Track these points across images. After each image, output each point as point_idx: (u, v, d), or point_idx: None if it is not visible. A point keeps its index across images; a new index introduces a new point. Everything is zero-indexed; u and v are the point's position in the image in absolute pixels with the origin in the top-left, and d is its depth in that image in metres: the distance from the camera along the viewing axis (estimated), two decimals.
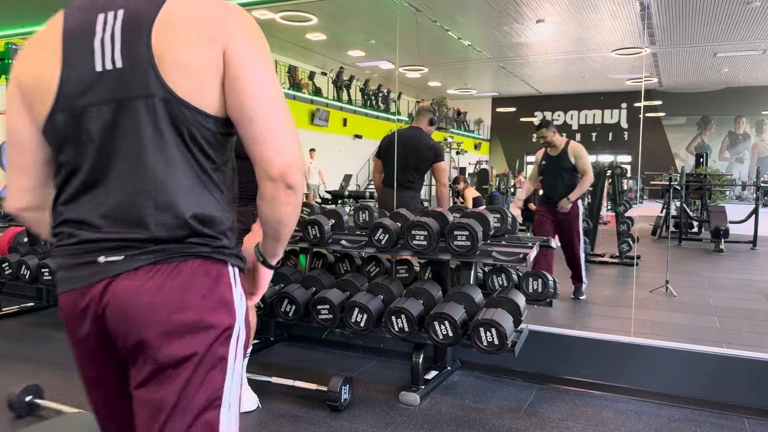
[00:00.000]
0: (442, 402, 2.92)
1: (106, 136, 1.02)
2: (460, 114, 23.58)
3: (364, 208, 3.43)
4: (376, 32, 13.99)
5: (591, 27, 13.29)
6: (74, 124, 1.03)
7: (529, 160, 24.72)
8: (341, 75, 17.61)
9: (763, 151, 22.48)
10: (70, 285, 1.06)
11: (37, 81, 1.04)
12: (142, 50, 0.99)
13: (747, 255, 8.29)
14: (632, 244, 6.96)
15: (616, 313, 4.87)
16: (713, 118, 22.83)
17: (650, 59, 16.69)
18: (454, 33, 13.98)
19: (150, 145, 1.00)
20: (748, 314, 4.86)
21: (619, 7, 11.72)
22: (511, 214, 3.26)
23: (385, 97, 20.13)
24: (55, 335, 4.00)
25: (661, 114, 22.57)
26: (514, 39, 14.39)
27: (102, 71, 1.01)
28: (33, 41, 1.09)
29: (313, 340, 3.77)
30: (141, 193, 1.01)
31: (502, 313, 2.72)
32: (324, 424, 2.65)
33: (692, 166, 14.50)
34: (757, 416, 2.76)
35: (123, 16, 1.01)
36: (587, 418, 2.75)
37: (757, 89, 21.38)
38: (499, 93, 24.64)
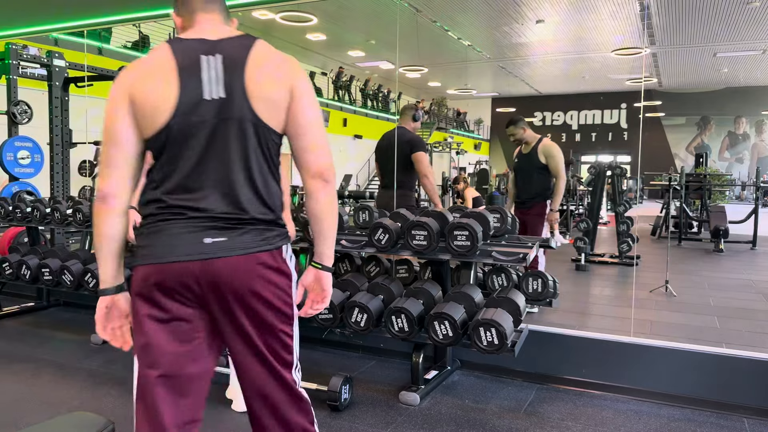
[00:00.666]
0: (442, 402, 2.92)
1: (207, 145, 1.38)
2: (460, 114, 23.60)
3: (364, 208, 3.43)
4: (376, 32, 14.00)
5: (591, 27, 13.30)
6: (184, 134, 1.38)
7: None
8: (341, 75, 17.63)
9: (762, 151, 22.49)
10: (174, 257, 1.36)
11: (156, 100, 1.37)
12: (237, 87, 1.39)
13: (747, 255, 8.29)
14: (632, 244, 6.96)
15: (615, 313, 4.87)
16: (713, 118, 22.85)
17: (650, 59, 16.71)
18: (454, 33, 13.99)
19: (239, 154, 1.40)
20: (748, 314, 4.87)
21: (619, 8, 11.73)
22: (510, 214, 3.27)
23: (385, 98, 20.14)
24: (56, 335, 4.00)
25: (660, 114, 22.59)
26: (514, 39, 14.40)
27: (209, 99, 1.38)
28: (145, 67, 1.41)
29: (313, 340, 3.77)
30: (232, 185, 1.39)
31: (502, 313, 2.72)
32: (324, 423, 2.66)
33: (692, 166, 14.51)
34: (757, 416, 2.76)
35: (222, 60, 1.40)
36: (587, 418, 2.75)
37: (757, 89, 21.39)
38: (499, 93, 24.66)
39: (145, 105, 1.37)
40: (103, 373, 3.26)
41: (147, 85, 1.38)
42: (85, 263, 3.94)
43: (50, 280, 4.01)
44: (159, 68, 1.39)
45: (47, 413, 2.70)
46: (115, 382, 3.12)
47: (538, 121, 25.72)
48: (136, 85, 1.38)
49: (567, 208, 10.73)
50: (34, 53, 6.80)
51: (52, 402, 2.86)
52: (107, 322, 1.47)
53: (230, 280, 1.36)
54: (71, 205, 4.21)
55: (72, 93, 6.11)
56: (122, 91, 1.38)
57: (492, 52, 16.21)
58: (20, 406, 2.80)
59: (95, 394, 2.96)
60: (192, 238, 1.36)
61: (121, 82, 1.40)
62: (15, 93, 5.92)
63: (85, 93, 6.11)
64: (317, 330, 3.29)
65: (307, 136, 1.46)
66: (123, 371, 3.26)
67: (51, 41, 8.64)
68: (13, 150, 5.94)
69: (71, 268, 3.90)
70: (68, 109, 6.01)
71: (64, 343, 3.84)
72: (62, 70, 5.93)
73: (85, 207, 4.09)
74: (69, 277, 3.91)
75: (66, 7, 4.67)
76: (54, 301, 4.77)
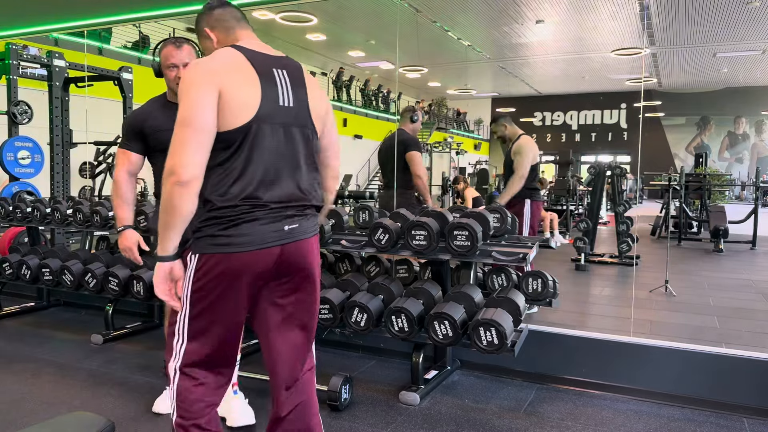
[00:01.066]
0: (442, 402, 2.92)
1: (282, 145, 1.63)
2: (459, 114, 23.60)
3: (364, 208, 3.44)
4: (376, 33, 14.00)
5: (591, 27, 13.30)
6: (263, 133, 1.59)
7: None
8: (341, 75, 17.63)
9: (762, 151, 22.50)
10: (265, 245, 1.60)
11: (244, 98, 1.56)
12: (302, 99, 1.69)
13: (746, 255, 8.30)
14: (632, 244, 6.96)
15: (615, 313, 4.88)
16: (713, 118, 22.85)
17: (650, 59, 16.71)
18: (454, 33, 13.99)
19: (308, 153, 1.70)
20: (748, 314, 4.87)
21: (619, 8, 11.73)
22: (510, 214, 3.27)
23: (385, 98, 20.14)
24: (56, 335, 4.00)
25: (660, 114, 22.59)
26: (513, 39, 14.40)
27: (282, 106, 1.63)
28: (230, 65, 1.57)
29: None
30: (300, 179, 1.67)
31: (502, 312, 2.72)
32: (324, 423, 2.64)
33: (692, 166, 14.51)
34: (757, 416, 2.76)
35: (288, 74, 1.67)
36: (587, 418, 2.75)
37: (757, 89, 21.39)
38: (499, 93, 24.65)
39: (234, 101, 1.54)
40: (103, 373, 3.26)
41: (236, 83, 1.55)
42: (85, 263, 3.95)
43: (50, 280, 4.01)
44: (243, 70, 1.58)
45: (47, 413, 2.70)
46: (115, 382, 3.12)
47: (538, 121, 25.73)
48: (226, 80, 1.53)
49: (567, 208, 10.73)
50: (34, 53, 6.81)
51: (52, 402, 2.86)
52: (165, 284, 1.62)
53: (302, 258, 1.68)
54: (71, 205, 4.21)
55: (72, 93, 6.11)
56: (211, 82, 1.52)
57: (492, 53, 16.22)
58: (20, 406, 2.80)
59: (95, 394, 2.96)
60: (275, 226, 1.61)
61: (208, 74, 1.53)
62: (15, 93, 5.92)
63: (86, 93, 6.11)
64: (317, 330, 3.29)
65: (333, 144, 1.86)
66: (123, 371, 3.26)
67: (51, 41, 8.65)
68: (13, 150, 5.94)
69: (71, 268, 3.91)
70: (68, 109, 6.01)
71: (64, 343, 3.84)
72: (62, 70, 5.93)
73: (85, 207, 4.09)
74: (69, 277, 3.91)
75: (66, 7, 4.68)
76: (54, 301, 4.77)
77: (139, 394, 2.93)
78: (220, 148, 1.55)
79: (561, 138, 24.99)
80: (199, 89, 1.52)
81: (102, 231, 4.38)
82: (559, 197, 11.33)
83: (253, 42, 1.69)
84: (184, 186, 1.49)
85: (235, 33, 1.71)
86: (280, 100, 1.62)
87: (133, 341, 3.85)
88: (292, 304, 1.71)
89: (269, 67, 1.63)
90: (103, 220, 3.96)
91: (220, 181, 1.57)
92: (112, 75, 6.39)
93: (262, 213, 1.59)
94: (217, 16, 1.72)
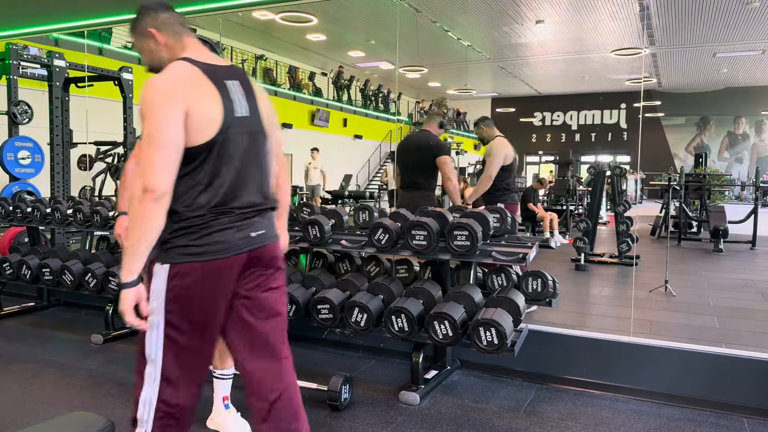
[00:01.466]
0: (442, 401, 2.93)
1: (245, 153, 1.71)
2: (459, 114, 23.59)
3: (364, 208, 3.44)
4: (376, 33, 14.00)
5: (590, 28, 13.31)
6: (227, 145, 1.66)
7: (528, 160, 24.77)
8: (341, 75, 17.62)
9: (762, 151, 22.49)
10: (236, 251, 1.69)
11: (210, 114, 1.63)
12: (254, 107, 1.77)
13: (746, 255, 8.30)
14: (631, 244, 6.96)
15: (615, 313, 4.88)
16: (712, 118, 22.85)
17: (649, 60, 16.71)
18: (454, 33, 13.99)
19: (264, 158, 1.80)
20: (748, 314, 4.87)
21: (619, 8, 11.73)
22: (510, 214, 3.27)
23: (385, 98, 20.14)
24: (56, 335, 4.00)
25: (660, 114, 22.58)
26: (513, 40, 14.41)
27: (239, 116, 1.70)
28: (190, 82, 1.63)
29: (313, 340, 3.78)
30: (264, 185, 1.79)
31: (502, 312, 2.72)
32: (324, 423, 2.66)
33: (691, 166, 14.51)
34: (757, 416, 2.76)
35: (240, 84, 1.74)
36: (587, 418, 2.76)
37: (756, 89, 21.39)
38: (499, 93, 24.65)
39: (200, 118, 1.61)
40: (103, 373, 3.26)
41: (199, 100, 1.62)
42: (86, 263, 3.95)
43: (51, 280, 4.01)
44: (202, 85, 1.65)
45: (47, 413, 2.70)
46: (115, 382, 3.12)
47: (538, 122, 25.73)
48: (190, 98, 1.60)
49: (567, 208, 10.74)
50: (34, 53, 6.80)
51: (52, 402, 2.87)
52: (133, 310, 1.61)
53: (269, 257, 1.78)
54: (71, 205, 4.21)
55: (72, 93, 6.11)
56: (177, 101, 1.58)
57: (492, 53, 16.22)
58: (20, 406, 2.81)
59: (95, 394, 2.96)
60: (243, 233, 1.70)
61: (173, 92, 1.59)
62: (15, 93, 5.93)
63: (86, 93, 6.12)
64: (317, 330, 3.30)
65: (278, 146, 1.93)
66: (123, 371, 3.26)
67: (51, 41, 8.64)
68: (13, 150, 5.94)
69: (71, 268, 3.91)
70: (69, 109, 6.01)
71: (64, 343, 3.84)
72: (63, 71, 5.94)
73: (86, 207, 4.09)
74: (69, 277, 3.91)
75: (66, 8, 4.68)
76: (54, 301, 4.77)
77: None
78: (183, 162, 1.61)
79: (561, 138, 24.98)
80: (166, 108, 1.57)
81: (102, 231, 4.39)
82: (559, 197, 11.33)
83: (201, 53, 1.73)
84: (158, 201, 1.55)
85: (183, 40, 1.75)
86: (237, 111, 1.69)
87: (133, 341, 3.84)
88: (265, 295, 1.79)
89: (223, 79, 1.70)
90: (103, 220, 3.96)
91: (186, 192, 1.63)
92: (113, 75, 6.39)
93: (230, 220, 1.67)
94: (164, 20, 1.74)
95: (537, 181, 9.83)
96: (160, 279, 1.63)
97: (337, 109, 17.28)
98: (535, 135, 25.59)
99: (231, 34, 13.55)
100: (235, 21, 12.43)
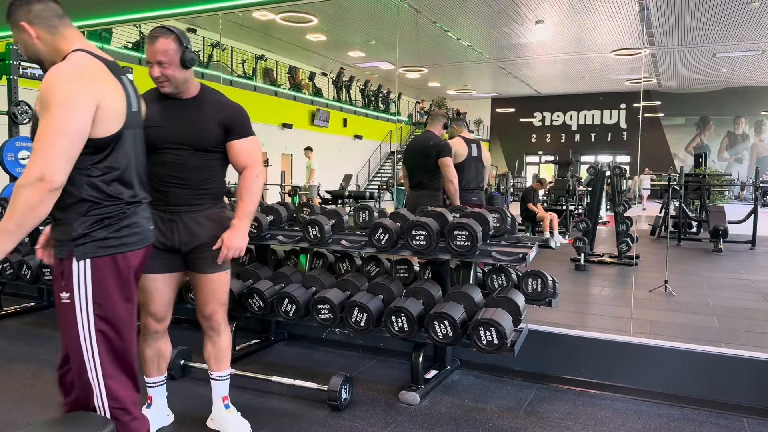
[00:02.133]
0: (442, 401, 2.93)
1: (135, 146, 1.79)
2: (459, 114, 23.58)
3: (364, 208, 3.44)
4: (376, 33, 14.00)
5: (590, 28, 13.30)
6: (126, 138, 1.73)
7: (528, 160, 24.77)
8: (341, 75, 17.62)
9: (761, 151, 22.49)
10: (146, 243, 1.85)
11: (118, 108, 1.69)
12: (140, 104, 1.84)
13: (746, 255, 8.30)
14: (631, 244, 6.97)
15: (615, 313, 4.88)
16: (712, 118, 22.85)
17: (649, 60, 16.71)
18: (454, 34, 13.99)
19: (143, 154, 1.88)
20: (747, 314, 4.87)
21: (619, 8, 11.73)
22: (510, 214, 3.27)
23: (385, 98, 20.13)
24: (56, 335, 3.99)
25: (660, 114, 22.58)
26: (513, 40, 14.41)
27: (133, 111, 1.78)
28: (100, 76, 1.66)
29: (314, 340, 3.78)
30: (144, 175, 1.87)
31: (502, 312, 2.73)
32: (324, 423, 2.66)
33: (691, 167, 14.51)
34: (757, 416, 2.76)
35: (129, 82, 1.79)
36: (587, 418, 2.76)
37: (756, 89, 21.39)
38: (499, 93, 24.66)
39: (112, 111, 1.66)
40: None
41: (108, 92, 1.66)
42: None
43: (51, 280, 4.01)
44: (108, 78, 1.68)
45: (47, 413, 2.70)
46: None
47: (538, 122, 25.72)
48: (101, 91, 1.63)
49: (566, 208, 10.74)
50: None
51: (52, 402, 2.86)
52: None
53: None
54: None
55: None
56: (90, 95, 1.60)
57: (491, 53, 16.22)
58: (20, 406, 2.81)
59: None
60: (150, 223, 1.85)
61: (84, 84, 1.60)
62: (16, 93, 5.92)
63: None
64: (317, 329, 3.30)
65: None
66: None
67: None
68: (13, 150, 5.95)
69: None
70: None
71: None
72: None
73: None
74: None
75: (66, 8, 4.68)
76: (54, 301, 4.76)
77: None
78: (89, 152, 1.63)
79: (561, 138, 24.98)
80: (75, 97, 1.56)
81: None
82: (558, 197, 11.34)
83: (92, 46, 1.73)
84: (52, 192, 1.54)
85: (61, 32, 1.70)
86: (133, 105, 1.78)
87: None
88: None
89: (120, 74, 1.75)
90: None
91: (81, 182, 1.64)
92: None
93: (140, 209, 1.79)
94: (37, 12, 1.67)
95: (537, 181, 9.83)
96: (81, 277, 1.66)
97: (337, 110, 17.27)
98: (534, 135, 25.59)
99: (231, 34, 13.55)
100: (235, 21, 12.43)
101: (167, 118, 2.25)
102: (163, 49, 2.13)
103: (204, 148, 2.27)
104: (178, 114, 2.26)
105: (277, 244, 3.47)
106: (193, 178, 2.28)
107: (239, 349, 3.52)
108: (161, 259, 2.30)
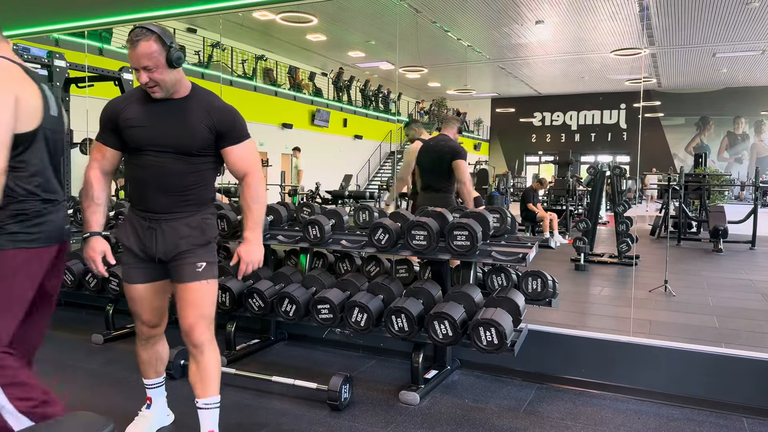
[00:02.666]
0: (442, 401, 2.93)
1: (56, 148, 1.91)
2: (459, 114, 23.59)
3: (364, 208, 3.44)
4: (376, 33, 14.00)
5: (590, 28, 13.31)
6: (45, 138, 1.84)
7: (528, 160, 24.78)
8: (341, 76, 17.62)
9: (761, 151, 22.51)
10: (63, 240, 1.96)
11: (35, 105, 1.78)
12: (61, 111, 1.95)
13: (746, 255, 8.30)
14: (631, 244, 6.97)
15: (615, 313, 4.88)
16: (712, 118, 22.86)
17: (649, 60, 16.73)
18: (454, 34, 14.00)
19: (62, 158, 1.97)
20: (747, 314, 4.88)
21: (618, 8, 11.74)
22: (510, 214, 3.27)
23: (385, 98, 20.14)
24: (56, 335, 4.00)
25: (660, 114, 22.59)
26: (513, 40, 14.41)
27: (53, 116, 1.88)
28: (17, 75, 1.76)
29: (314, 340, 3.78)
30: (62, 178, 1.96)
31: (502, 312, 2.73)
32: (324, 423, 2.66)
33: (691, 167, 14.52)
34: (757, 416, 2.76)
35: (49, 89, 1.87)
36: (586, 418, 2.76)
37: (756, 89, 21.41)
38: (499, 94, 24.67)
39: (28, 108, 1.75)
40: (103, 373, 3.27)
41: (26, 92, 1.76)
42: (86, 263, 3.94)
43: None
44: (26, 80, 1.78)
45: None
46: (115, 382, 3.12)
47: (538, 122, 25.74)
48: (20, 89, 1.74)
49: (566, 208, 10.74)
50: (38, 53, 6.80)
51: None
52: None
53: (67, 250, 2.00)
54: (72, 205, 4.21)
55: (73, 93, 6.10)
56: (9, 88, 1.71)
57: (491, 53, 16.23)
58: None
59: (95, 394, 2.96)
60: (65, 221, 1.93)
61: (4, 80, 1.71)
62: None
63: (86, 93, 6.11)
64: (317, 329, 3.30)
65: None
66: (123, 371, 3.26)
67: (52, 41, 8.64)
68: None
69: (72, 267, 3.91)
70: (69, 110, 6.01)
71: (64, 343, 3.84)
72: (63, 71, 5.93)
73: None
74: (70, 276, 3.91)
75: (67, 8, 4.68)
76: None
77: (139, 394, 2.93)
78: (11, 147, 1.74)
79: (560, 138, 25.00)
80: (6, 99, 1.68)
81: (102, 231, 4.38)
82: (558, 197, 11.34)
83: (13, 55, 1.84)
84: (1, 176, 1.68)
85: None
86: (52, 109, 1.87)
87: (133, 341, 3.83)
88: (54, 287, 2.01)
89: (39, 80, 1.85)
90: None
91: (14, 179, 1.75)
92: (113, 75, 6.39)
93: (55, 208, 1.87)
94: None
95: (537, 181, 9.84)
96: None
97: (337, 110, 17.27)
98: (534, 135, 25.61)
99: (231, 34, 13.55)
100: (235, 21, 12.44)
101: (152, 117, 2.10)
102: (146, 53, 2.00)
103: (189, 152, 2.11)
104: (164, 115, 2.10)
105: (277, 244, 3.47)
106: (176, 184, 2.12)
107: (239, 349, 3.52)
108: (142, 268, 2.22)
